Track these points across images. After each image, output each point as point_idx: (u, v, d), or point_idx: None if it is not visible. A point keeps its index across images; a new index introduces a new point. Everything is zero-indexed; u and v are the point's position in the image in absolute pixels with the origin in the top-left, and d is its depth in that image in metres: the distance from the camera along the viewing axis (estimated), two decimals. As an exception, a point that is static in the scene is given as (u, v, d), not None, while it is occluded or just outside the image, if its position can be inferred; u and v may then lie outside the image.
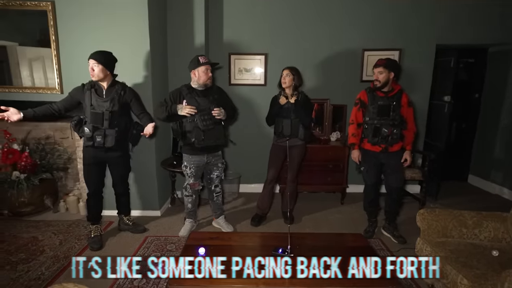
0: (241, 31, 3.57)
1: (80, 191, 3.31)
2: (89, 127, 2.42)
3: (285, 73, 2.75)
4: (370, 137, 2.64)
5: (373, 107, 2.61)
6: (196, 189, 2.76)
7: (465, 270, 1.65)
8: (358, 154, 2.71)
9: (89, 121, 2.42)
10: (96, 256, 1.53)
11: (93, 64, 2.38)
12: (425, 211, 2.09)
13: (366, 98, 2.65)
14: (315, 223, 3.10)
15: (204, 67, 2.51)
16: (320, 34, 3.57)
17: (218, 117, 2.53)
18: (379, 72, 2.54)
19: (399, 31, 3.55)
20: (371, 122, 2.63)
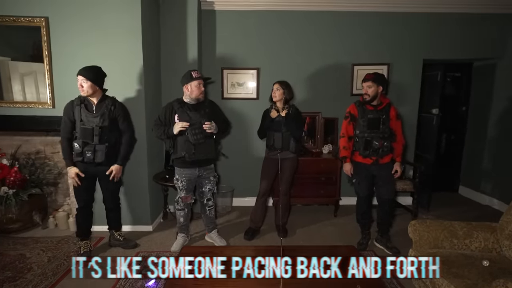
0: (233, 46, 3.65)
1: (70, 206, 3.25)
2: (79, 142, 2.42)
3: (275, 87, 2.81)
4: (361, 149, 2.68)
5: (363, 120, 2.66)
6: (188, 202, 2.75)
7: (456, 280, 1.66)
8: (350, 167, 2.74)
9: (79, 136, 2.42)
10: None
11: (82, 80, 2.40)
12: (416, 222, 2.11)
13: (356, 111, 2.70)
14: (309, 235, 3.09)
15: (197, 82, 2.55)
16: (311, 49, 3.67)
17: (209, 131, 2.55)
18: (368, 86, 2.61)
19: (387, 46, 3.66)
20: (361, 135, 2.67)
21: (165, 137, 2.57)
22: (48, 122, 2.98)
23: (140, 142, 2.99)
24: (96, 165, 2.49)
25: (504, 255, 1.95)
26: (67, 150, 2.48)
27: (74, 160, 2.47)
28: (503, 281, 1.40)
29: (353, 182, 2.80)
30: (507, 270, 1.77)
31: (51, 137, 3.19)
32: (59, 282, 2.29)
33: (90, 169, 2.51)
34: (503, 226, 2.00)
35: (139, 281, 2.29)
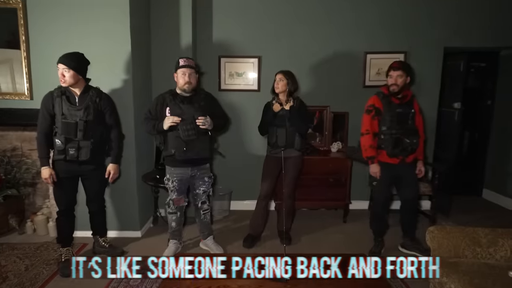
0: (232, 32, 3.64)
1: (49, 209, 3.26)
2: (61, 138, 2.40)
3: (278, 77, 2.80)
4: (389, 148, 2.65)
5: (390, 115, 2.63)
6: (180, 205, 2.75)
7: (479, 293, 1.66)
8: (379, 169, 2.70)
9: (60, 132, 2.40)
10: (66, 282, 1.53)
11: (63, 69, 2.37)
12: (435, 229, 2.11)
13: (381, 104, 2.66)
14: (315, 243, 3.10)
15: (181, 70, 2.54)
16: (318, 35, 3.66)
17: (203, 127, 2.54)
18: (399, 75, 2.58)
19: (404, 32, 3.65)
20: (389, 132, 2.64)
21: (154, 132, 2.57)
22: (25, 115, 2.98)
23: (128, 138, 2.99)
24: (79, 163, 2.48)
25: (533, 265, 1.95)
26: (44, 147, 2.45)
27: (55, 158, 2.46)
28: (532, 294, 1.40)
29: (373, 184, 2.79)
30: (536, 282, 1.77)
31: (29, 132, 3.19)
32: (37, 293, 2.30)
33: (73, 168, 2.50)
34: (532, 233, 2.00)
35: None
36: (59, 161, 2.46)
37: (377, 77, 3.71)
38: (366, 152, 2.71)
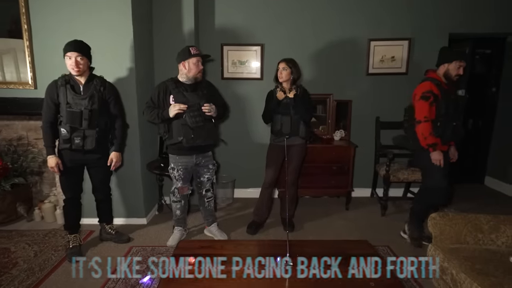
0: (235, 20, 3.59)
1: (56, 197, 3.30)
2: (66, 127, 2.40)
3: (281, 66, 2.77)
4: (447, 135, 2.63)
5: (448, 103, 2.58)
6: (185, 193, 2.77)
7: (480, 278, 1.67)
8: (442, 156, 2.61)
9: (65, 121, 2.39)
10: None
11: (78, 57, 2.36)
12: (437, 216, 2.11)
13: (438, 91, 2.58)
14: (318, 230, 3.12)
15: (195, 59, 2.52)
16: (321, 22, 3.60)
17: (209, 114, 2.54)
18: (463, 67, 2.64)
19: (408, 19, 3.59)
20: (447, 120, 2.60)
21: (158, 120, 2.56)
22: (30, 104, 2.98)
23: (132, 127, 3.00)
24: (85, 152, 2.49)
25: (534, 251, 1.95)
26: (49, 136, 2.45)
27: (61, 147, 2.46)
28: (532, 279, 1.40)
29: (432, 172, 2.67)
30: (537, 268, 1.77)
31: (34, 121, 3.21)
32: (47, 277, 2.35)
33: (78, 157, 2.52)
34: (534, 220, 2.00)
35: (133, 278, 2.34)
36: (64, 151, 2.47)
37: (381, 64, 3.66)
38: (426, 139, 2.59)
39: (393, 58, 3.65)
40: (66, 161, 2.50)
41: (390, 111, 3.73)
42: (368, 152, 3.82)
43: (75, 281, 2.32)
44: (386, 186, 3.38)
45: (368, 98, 3.74)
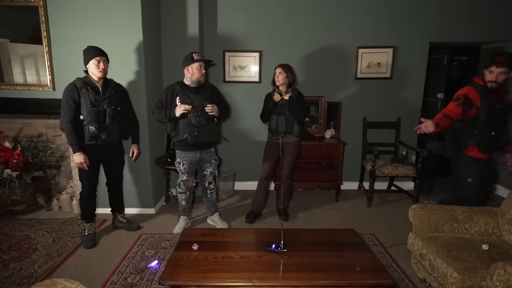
0: (235, 29, 3.58)
1: (73, 189, 3.29)
2: (94, 125, 2.39)
3: (278, 71, 2.77)
4: (483, 144, 2.25)
5: (488, 110, 2.21)
6: (190, 186, 2.77)
7: (455, 263, 1.68)
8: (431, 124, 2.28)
9: (90, 119, 2.38)
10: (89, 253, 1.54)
11: (104, 61, 2.41)
12: (417, 207, 2.12)
13: (478, 98, 2.24)
14: (310, 219, 3.13)
15: (198, 64, 2.52)
16: (314, 32, 3.59)
17: (211, 113, 2.54)
18: (502, 73, 2.14)
19: (393, 28, 3.58)
20: (485, 128, 2.23)
21: (166, 120, 2.56)
22: (49, 104, 2.97)
23: (142, 125, 2.99)
24: (106, 148, 2.50)
25: (504, 239, 1.97)
26: (73, 134, 2.39)
27: (88, 143, 2.42)
28: (502, 264, 1.41)
29: (468, 181, 2.35)
30: (506, 254, 1.78)
31: (53, 120, 3.19)
32: (64, 262, 2.35)
33: (101, 154, 2.52)
34: (504, 211, 2.01)
35: (142, 262, 2.34)
36: (89, 148, 2.44)
37: (368, 70, 3.66)
38: (435, 118, 2.33)
39: (379, 64, 3.64)
40: (90, 158, 2.48)
41: (376, 112, 3.74)
42: (356, 149, 3.82)
43: (89, 264, 2.32)
44: (372, 180, 3.39)
45: (356, 100, 3.74)
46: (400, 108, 3.74)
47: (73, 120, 2.41)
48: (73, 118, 2.41)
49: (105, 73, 2.44)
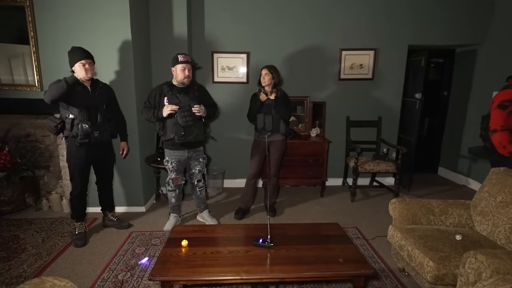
0: (224, 30, 3.56)
1: (62, 188, 3.22)
2: (87, 123, 2.36)
3: (263, 72, 2.78)
4: None
5: None
6: (179, 183, 2.75)
7: (431, 253, 1.74)
8: None
9: (84, 117, 2.35)
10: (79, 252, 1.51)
11: (90, 63, 2.36)
12: (396, 201, 2.17)
13: None
14: (296, 215, 3.16)
15: (181, 66, 2.50)
16: (300, 34, 3.61)
17: (198, 114, 2.53)
18: None
19: (374, 32, 3.64)
20: None
21: (154, 119, 2.54)
22: (37, 104, 2.87)
23: (131, 125, 2.95)
24: (98, 146, 2.47)
25: (476, 229, 2.04)
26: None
27: (81, 141, 2.37)
28: (473, 252, 1.47)
29: None
30: (478, 243, 1.85)
31: (41, 120, 3.11)
32: (54, 261, 2.29)
33: (92, 152, 2.47)
34: (476, 203, 2.08)
35: (133, 259, 2.32)
36: (81, 147, 2.39)
37: (351, 71, 3.71)
38: (506, 148, 2.24)
39: (361, 65, 3.70)
40: (82, 157, 2.44)
41: (358, 111, 3.80)
42: (340, 146, 3.88)
43: (80, 263, 2.28)
44: (355, 176, 3.44)
45: (340, 100, 3.79)
46: (381, 108, 3.82)
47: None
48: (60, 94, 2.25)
49: (91, 75, 2.39)
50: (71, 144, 2.42)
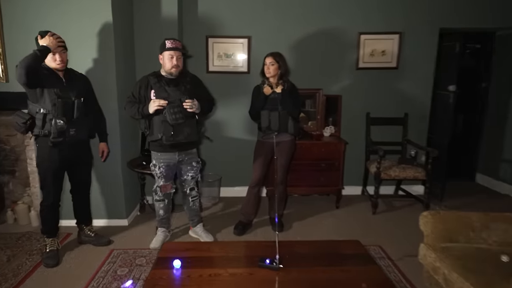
0: (220, 10, 3.55)
1: (30, 198, 3.20)
2: (62, 119, 2.34)
3: (268, 61, 2.75)
4: None
5: None
6: (168, 192, 2.73)
7: (472, 277, 1.70)
8: None
9: (58, 112, 2.33)
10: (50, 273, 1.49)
11: (61, 51, 2.34)
12: (428, 214, 2.14)
13: None
14: (307, 229, 3.13)
15: (169, 53, 2.48)
16: (310, 15, 3.59)
17: (190, 110, 2.49)
18: None
19: (398, 12, 3.62)
20: None
21: (139, 116, 2.51)
22: (1, 99, 2.88)
23: (112, 122, 2.93)
24: (74, 146, 2.46)
25: (525, 249, 2.00)
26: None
27: (54, 140, 2.34)
28: (524, 277, 1.43)
29: None
30: (528, 266, 1.81)
31: (5, 116, 3.08)
32: (21, 284, 2.28)
33: (67, 153, 2.45)
34: (525, 217, 2.04)
35: (114, 282, 2.29)
36: (54, 148, 2.37)
37: (371, 59, 3.69)
38: None
39: (384, 52, 3.67)
40: (56, 161, 2.42)
41: (380, 106, 3.77)
42: (358, 148, 3.85)
43: (52, 287, 2.25)
44: (377, 184, 3.41)
45: (358, 93, 3.76)
46: (408, 102, 3.78)
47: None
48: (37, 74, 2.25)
49: (64, 64, 2.38)
50: (42, 145, 2.40)
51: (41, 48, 2.22)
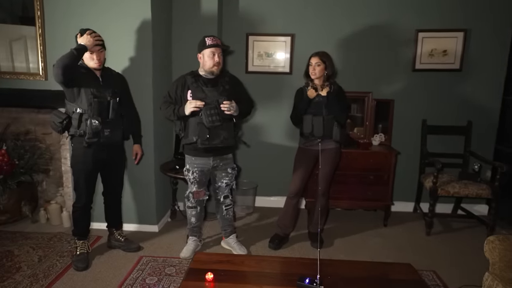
0: (262, 7, 3.59)
1: (63, 198, 3.41)
2: (98, 119, 2.46)
3: (314, 61, 2.74)
4: None
5: None
6: (201, 199, 2.78)
7: (549, 317, 1.58)
8: None
9: (94, 112, 2.46)
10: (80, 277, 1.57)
11: (99, 50, 2.48)
12: (496, 239, 2.01)
13: None
14: (350, 248, 3.06)
15: (210, 50, 2.53)
16: (360, 10, 3.55)
17: (228, 112, 2.54)
18: None
19: (464, 6, 3.47)
20: None
21: (174, 117, 2.59)
22: (40, 97, 3.08)
23: (146, 123, 3.05)
24: (108, 148, 2.58)
25: None
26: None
27: (89, 141, 2.47)
28: None
29: None
30: None
31: (43, 115, 3.31)
32: (51, 285, 2.42)
33: (101, 154, 2.58)
34: None
35: (143, 291, 2.37)
36: (89, 148, 2.51)
37: (430, 59, 3.56)
38: None
39: (445, 52, 3.54)
40: (89, 162, 2.56)
41: (439, 113, 3.65)
42: (411, 160, 3.73)
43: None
44: (433, 201, 3.28)
45: (413, 97, 3.65)
46: (472, 109, 3.62)
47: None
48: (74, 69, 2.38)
49: (101, 63, 2.51)
50: (77, 145, 2.54)
51: (78, 47, 2.36)
